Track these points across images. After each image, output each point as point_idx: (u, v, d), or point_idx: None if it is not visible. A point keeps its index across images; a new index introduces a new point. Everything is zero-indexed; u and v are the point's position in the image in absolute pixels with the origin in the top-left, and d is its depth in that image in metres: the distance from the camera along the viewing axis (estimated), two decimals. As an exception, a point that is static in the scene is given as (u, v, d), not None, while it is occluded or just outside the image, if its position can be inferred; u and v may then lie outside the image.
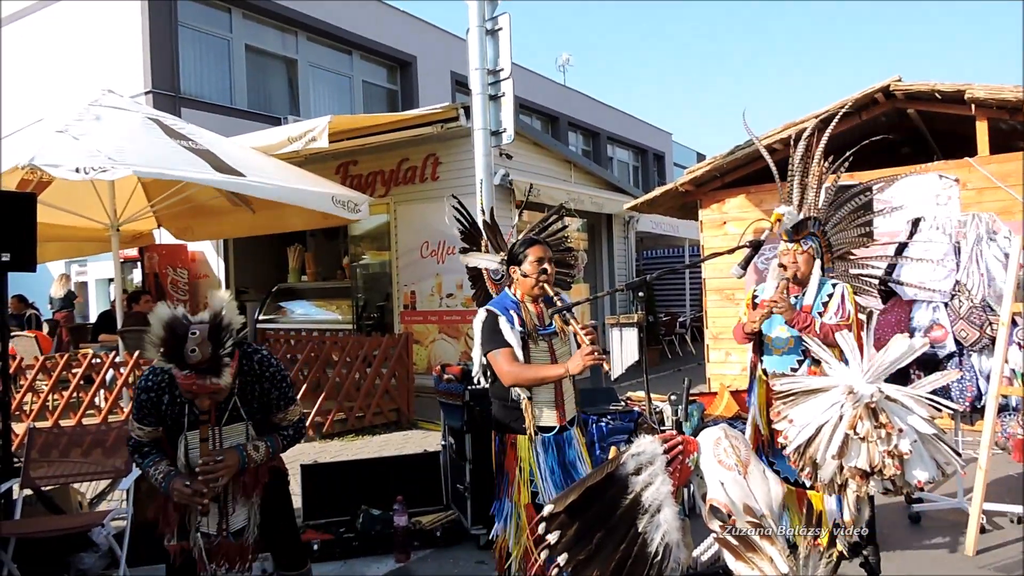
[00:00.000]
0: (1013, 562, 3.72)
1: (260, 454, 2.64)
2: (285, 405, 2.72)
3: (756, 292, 3.56)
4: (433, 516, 4.47)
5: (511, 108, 6.30)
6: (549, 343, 2.96)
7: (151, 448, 2.63)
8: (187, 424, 2.57)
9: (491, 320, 2.92)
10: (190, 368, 2.40)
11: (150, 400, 2.56)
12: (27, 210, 3.92)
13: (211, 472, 2.51)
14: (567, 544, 1.80)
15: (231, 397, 2.60)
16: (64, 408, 6.46)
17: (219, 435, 2.60)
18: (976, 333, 4.32)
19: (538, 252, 2.96)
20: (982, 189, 6.38)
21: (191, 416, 2.56)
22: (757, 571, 1.83)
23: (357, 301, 9.93)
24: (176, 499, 2.53)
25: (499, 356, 2.86)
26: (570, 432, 2.99)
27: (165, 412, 2.57)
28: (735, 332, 3.49)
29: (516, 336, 2.88)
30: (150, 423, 2.59)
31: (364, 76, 14.92)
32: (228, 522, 2.67)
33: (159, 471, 2.57)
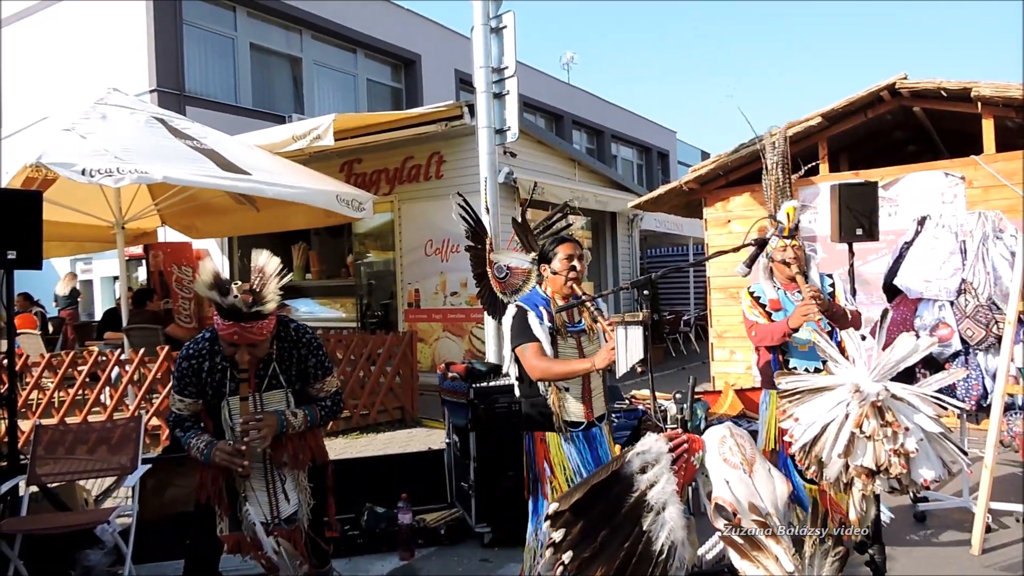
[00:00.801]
0: (1019, 561, 3.70)
1: (299, 420, 2.68)
2: (323, 375, 2.78)
3: (753, 291, 3.54)
4: (437, 514, 4.47)
5: (515, 106, 6.30)
6: (578, 340, 3.00)
7: (192, 422, 2.66)
8: (228, 391, 2.62)
9: (521, 315, 2.95)
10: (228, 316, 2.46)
11: (191, 368, 2.61)
12: (32, 208, 3.93)
13: (251, 429, 2.54)
14: (572, 542, 1.80)
15: (270, 363, 2.66)
16: (70, 405, 6.49)
17: (259, 401, 2.65)
18: (982, 332, 4.30)
19: (568, 249, 2.99)
20: (988, 187, 6.35)
21: (232, 383, 2.62)
22: (762, 570, 1.82)
23: (361, 299, 9.94)
24: (218, 461, 2.54)
25: (527, 350, 2.89)
26: (599, 428, 3.01)
27: (206, 380, 2.62)
28: (763, 334, 3.37)
29: (545, 331, 2.90)
30: (190, 393, 2.64)
31: (368, 74, 14.93)
32: (279, 508, 2.69)
33: (201, 441, 2.59)
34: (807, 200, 7.33)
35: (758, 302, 3.49)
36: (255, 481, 2.68)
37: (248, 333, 2.50)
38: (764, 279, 3.53)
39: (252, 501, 2.66)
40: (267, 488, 2.68)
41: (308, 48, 13.61)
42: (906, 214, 6.43)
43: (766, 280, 3.52)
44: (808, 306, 3.14)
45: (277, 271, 2.60)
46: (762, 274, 3.54)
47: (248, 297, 2.51)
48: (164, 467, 4.36)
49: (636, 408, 4.95)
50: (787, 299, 3.46)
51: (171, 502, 4.32)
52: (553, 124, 20.09)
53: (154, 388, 6.42)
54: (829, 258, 7.15)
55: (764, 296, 3.50)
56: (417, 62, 15.59)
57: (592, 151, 21.32)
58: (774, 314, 3.43)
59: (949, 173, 6.60)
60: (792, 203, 3.43)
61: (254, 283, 2.55)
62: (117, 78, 9.17)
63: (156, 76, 11.04)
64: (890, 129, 7.74)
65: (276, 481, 2.69)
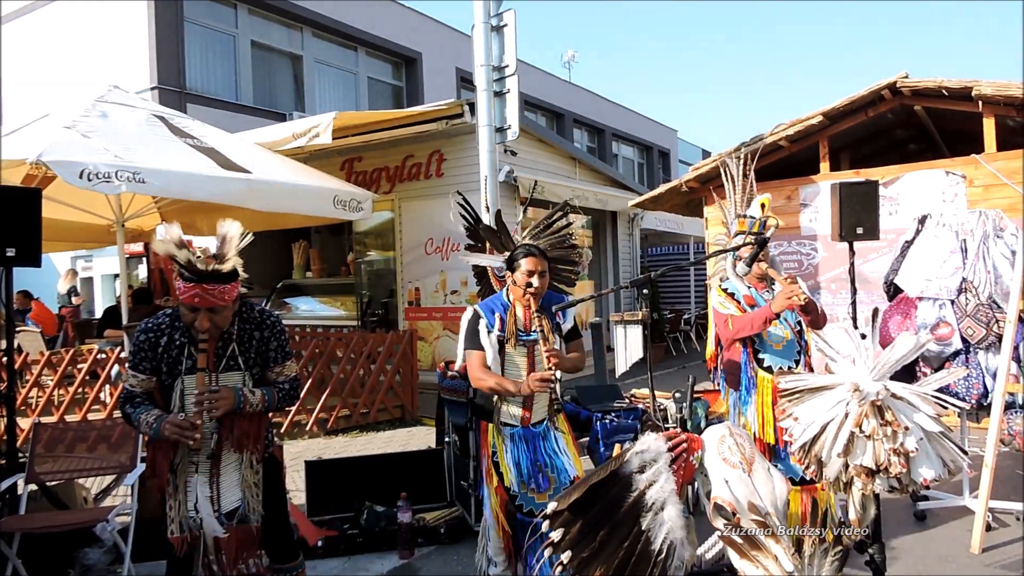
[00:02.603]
0: (1019, 560, 3.70)
1: (256, 399, 2.60)
2: (282, 359, 2.71)
3: (727, 288, 3.53)
4: (437, 513, 4.47)
5: (516, 105, 6.28)
6: (530, 348, 3.03)
7: (142, 399, 2.57)
8: (184, 368, 2.54)
9: (473, 321, 3.05)
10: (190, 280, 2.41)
11: (148, 341, 2.53)
12: (32, 205, 3.92)
13: (208, 399, 2.46)
14: (571, 542, 1.80)
15: (229, 343, 2.59)
16: (69, 403, 6.48)
17: (216, 381, 2.56)
18: (983, 330, 4.29)
19: (530, 264, 2.99)
20: (989, 186, 6.34)
21: (190, 360, 2.54)
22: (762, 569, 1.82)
23: (361, 297, 9.93)
24: (168, 434, 2.44)
25: (472, 357, 3.04)
26: (543, 426, 3.07)
27: (162, 356, 2.53)
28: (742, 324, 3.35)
29: (492, 341, 2.99)
30: (144, 369, 2.55)
31: (369, 72, 14.92)
32: (220, 502, 2.58)
33: (150, 415, 2.49)
34: (807, 199, 7.33)
35: (732, 298, 3.48)
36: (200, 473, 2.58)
37: (209, 296, 2.43)
38: (734, 277, 3.52)
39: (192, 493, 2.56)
40: (209, 480, 2.58)
41: (309, 46, 13.60)
42: (907, 213, 6.43)
43: (736, 279, 3.51)
44: (793, 290, 3.13)
45: (239, 235, 2.55)
46: (731, 272, 3.54)
47: (210, 261, 2.45)
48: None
49: (636, 407, 4.95)
50: (759, 297, 3.46)
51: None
52: (554, 122, 20.07)
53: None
54: (829, 257, 7.15)
55: (738, 293, 3.49)
56: (418, 60, 15.57)
57: (593, 150, 21.30)
58: (748, 309, 3.42)
59: (950, 172, 6.59)
60: (764, 196, 3.50)
61: (217, 247, 2.50)
62: (118, 75, 9.16)
63: (157, 73, 11.03)
64: (891, 128, 7.73)
65: (219, 474, 2.59)
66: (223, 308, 2.50)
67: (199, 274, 2.43)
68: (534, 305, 2.99)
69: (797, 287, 3.15)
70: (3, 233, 3.78)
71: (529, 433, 3.04)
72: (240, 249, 2.55)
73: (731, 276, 3.54)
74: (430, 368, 8.25)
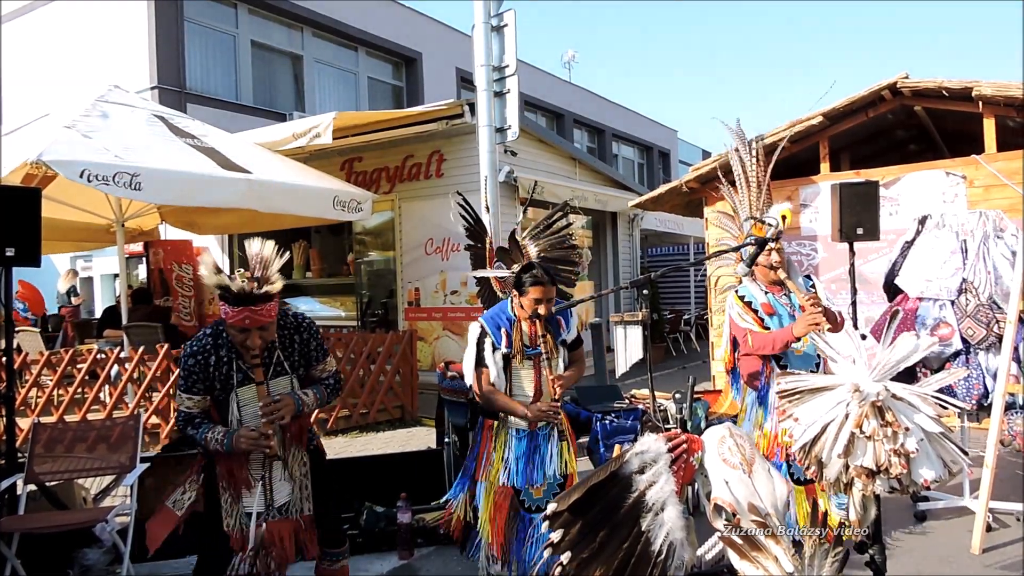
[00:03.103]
0: (1019, 560, 3.70)
1: (311, 399, 2.77)
2: (323, 357, 2.87)
3: (743, 296, 3.45)
4: (437, 513, 4.43)
5: (516, 105, 6.28)
6: (536, 362, 3.11)
7: (201, 419, 2.68)
8: (236, 382, 2.67)
9: (480, 339, 3.13)
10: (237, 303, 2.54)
11: (198, 364, 2.63)
12: (31, 205, 3.92)
13: (274, 410, 2.61)
14: (570, 543, 1.79)
15: (273, 351, 2.73)
16: (69, 403, 6.48)
17: (268, 390, 2.70)
18: (983, 331, 4.29)
19: (537, 293, 3.03)
20: (989, 187, 6.34)
21: (240, 374, 2.67)
22: (762, 570, 1.81)
23: (361, 298, 9.93)
24: (244, 447, 2.60)
25: (477, 374, 3.13)
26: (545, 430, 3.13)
27: (213, 375, 2.65)
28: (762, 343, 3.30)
29: (497, 359, 3.08)
30: (199, 390, 2.66)
31: (369, 72, 14.92)
32: (273, 496, 2.74)
33: (217, 432, 2.63)
34: (808, 199, 7.33)
35: (750, 307, 3.41)
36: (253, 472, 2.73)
37: (258, 316, 2.56)
38: (748, 281, 3.47)
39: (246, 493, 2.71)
40: (262, 478, 2.73)
41: (309, 46, 13.60)
42: (907, 213, 6.43)
43: (751, 283, 3.46)
44: (815, 316, 3.08)
45: (275, 253, 2.68)
46: (746, 278, 3.49)
47: (253, 283, 2.58)
48: (163, 466, 4.35)
49: (636, 408, 4.94)
50: (777, 302, 3.41)
51: (170, 500, 4.32)
52: (554, 123, 20.07)
53: (153, 386, 6.42)
54: (829, 257, 7.15)
55: (755, 301, 3.42)
56: (418, 60, 15.57)
57: (593, 150, 21.30)
58: (767, 318, 3.38)
59: (950, 172, 6.58)
60: (786, 206, 3.42)
61: (255, 269, 2.62)
62: (118, 75, 9.16)
63: (157, 73, 11.03)
64: (891, 128, 7.73)
65: (270, 470, 2.74)
66: (270, 324, 2.65)
67: (249, 298, 2.56)
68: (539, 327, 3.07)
69: (819, 314, 3.08)
70: (3, 233, 3.77)
71: (534, 433, 3.12)
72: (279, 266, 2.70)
73: (746, 281, 3.48)
74: (430, 368, 8.25)
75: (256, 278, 2.59)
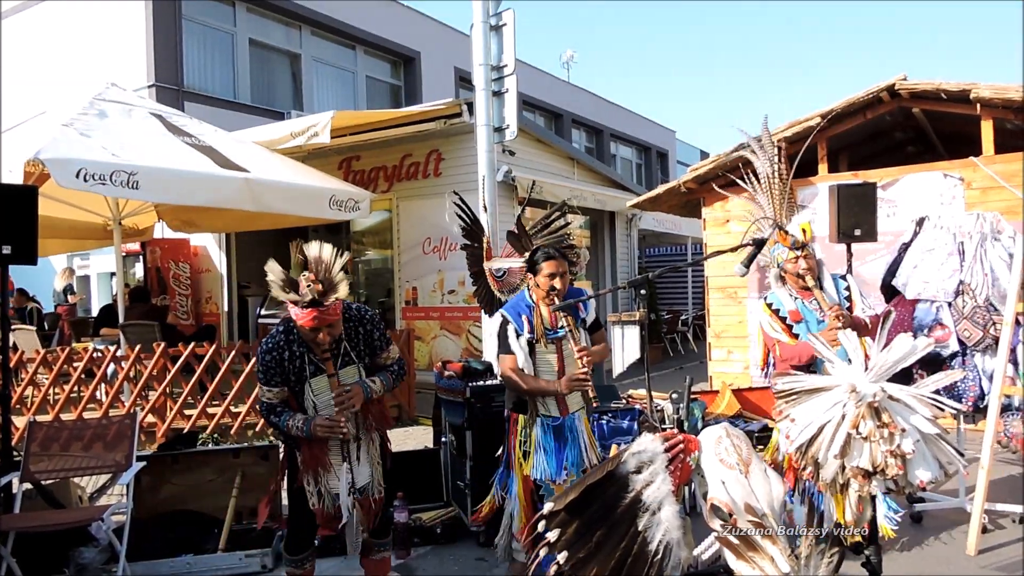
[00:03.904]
0: (1014, 562, 3.71)
1: (378, 386, 3.00)
2: (386, 345, 3.08)
3: (771, 303, 3.45)
4: (433, 513, 4.46)
5: (514, 104, 6.27)
6: (558, 345, 3.21)
7: (282, 407, 2.93)
8: (309, 373, 2.91)
9: (503, 328, 3.24)
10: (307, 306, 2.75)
11: (274, 359, 2.89)
12: (28, 203, 3.91)
13: (346, 399, 2.85)
14: (567, 542, 1.79)
15: (340, 342, 2.92)
16: (65, 402, 6.46)
17: (338, 380, 2.92)
18: (979, 333, 4.30)
19: (551, 267, 3.15)
20: (987, 189, 6.35)
21: (312, 366, 2.91)
22: (758, 570, 1.82)
23: (359, 297, 9.92)
24: (320, 434, 2.84)
25: (504, 361, 3.23)
26: (572, 418, 3.24)
27: (288, 368, 2.90)
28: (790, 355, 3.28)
29: (522, 344, 3.18)
30: (277, 383, 2.91)
31: (368, 71, 14.90)
32: (355, 478, 2.97)
33: (297, 420, 2.87)
34: (806, 200, 7.33)
35: (777, 315, 3.41)
36: (333, 456, 2.96)
37: (327, 315, 2.78)
38: (778, 287, 3.48)
39: (332, 474, 2.95)
40: (345, 459, 2.95)
41: (307, 44, 13.58)
42: (905, 215, 6.43)
43: (780, 288, 3.47)
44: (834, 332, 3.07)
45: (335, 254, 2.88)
46: (775, 283, 3.50)
47: (319, 286, 2.78)
48: (159, 464, 4.35)
49: (633, 408, 4.94)
50: (805, 308, 3.40)
51: (166, 499, 4.32)
52: (552, 123, 20.07)
53: (150, 385, 6.40)
54: (827, 258, 7.10)
55: (783, 308, 3.42)
56: (416, 59, 15.56)
57: (591, 150, 21.30)
58: (795, 326, 3.37)
59: (948, 174, 6.59)
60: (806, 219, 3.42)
61: (319, 272, 2.83)
62: (115, 73, 9.14)
63: (155, 71, 11.01)
64: (889, 130, 7.73)
65: (351, 454, 2.97)
66: (337, 321, 2.86)
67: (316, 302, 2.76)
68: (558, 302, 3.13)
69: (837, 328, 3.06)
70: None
71: (560, 425, 3.21)
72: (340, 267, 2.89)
73: (775, 287, 3.48)
74: (427, 368, 8.24)
75: (321, 280, 2.79)
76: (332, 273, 2.85)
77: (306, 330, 2.82)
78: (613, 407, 4.95)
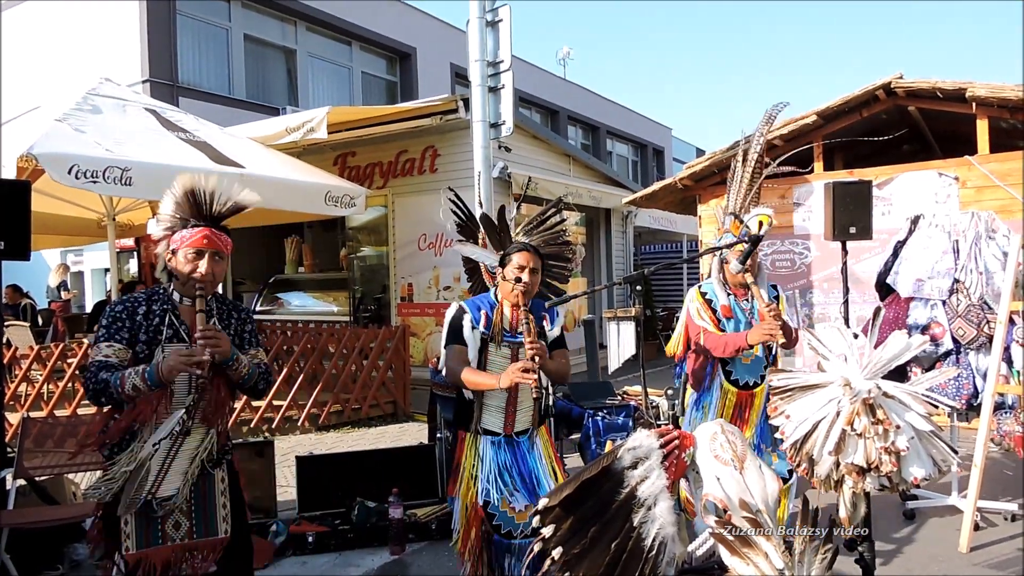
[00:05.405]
0: (1006, 559, 3.73)
1: (244, 362, 2.45)
2: (256, 344, 2.62)
3: (705, 292, 3.44)
4: (428, 509, 4.46)
5: (510, 101, 6.27)
6: (514, 350, 2.88)
7: (118, 367, 2.30)
8: (165, 337, 2.36)
9: (457, 316, 2.90)
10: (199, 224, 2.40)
11: (125, 311, 2.36)
12: (21, 198, 3.88)
13: (211, 336, 2.30)
14: (561, 538, 1.79)
15: (210, 317, 2.43)
16: (59, 398, 6.44)
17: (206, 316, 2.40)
18: (974, 331, 4.32)
19: (521, 259, 2.86)
20: (981, 188, 6.37)
21: (170, 329, 2.38)
22: (752, 566, 1.82)
23: (354, 293, 9.91)
24: (173, 363, 2.23)
25: (450, 352, 2.86)
26: (525, 439, 2.92)
27: (140, 324, 2.35)
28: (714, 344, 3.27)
29: (475, 338, 2.85)
30: (121, 339, 2.33)
31: (363, 67, 14.86)
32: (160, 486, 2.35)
33: (136, 370, 2.26)
34: (801, 198, 7.34)
35: (709, 305, 3.41)
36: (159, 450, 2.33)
37: (216, 240, 2.42)
38: (716, 282, 3.46)
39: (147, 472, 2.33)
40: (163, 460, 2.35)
41: (303, 40, 13.54)
42: (900, 213, 6.45)
43: (718, 283, 3.46)
44: (772, 327, 3.06)
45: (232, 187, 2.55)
46: (715, 275, 3.49)
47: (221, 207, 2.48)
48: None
49: (628, 404, 4.95)
50: (737, 306, 3.40)
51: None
52: (548, 119, 20.05)
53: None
54: (822, 256, 7.17)
55: (716, 300, 3.42)
56: (412, 55, 15.53)
57: (587, 147, 21.29)
58: (724, 321, 3.37)
59: (943, 173, 6.61)
60: (766, 211, 3.40)
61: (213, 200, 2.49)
62: (109, 68, 9.08)
63: (149, 67, 10.96)
64: (885, 128, 7.75)
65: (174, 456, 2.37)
66: (223, 260, 2.47)
67: (210, 216, 2.44)
68: (522, 302, 2.80)
69: (776, 327, 3.05)
70: (-8, 226, 3.74)
71: (514, 442, 2.89)
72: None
73: (714, 279, 3.47)
74: (422, 364, 8.24)
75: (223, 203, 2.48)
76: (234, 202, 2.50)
77: (185, 260, 2.38)
78: (608, 403, 4.96)
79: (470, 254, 3.58)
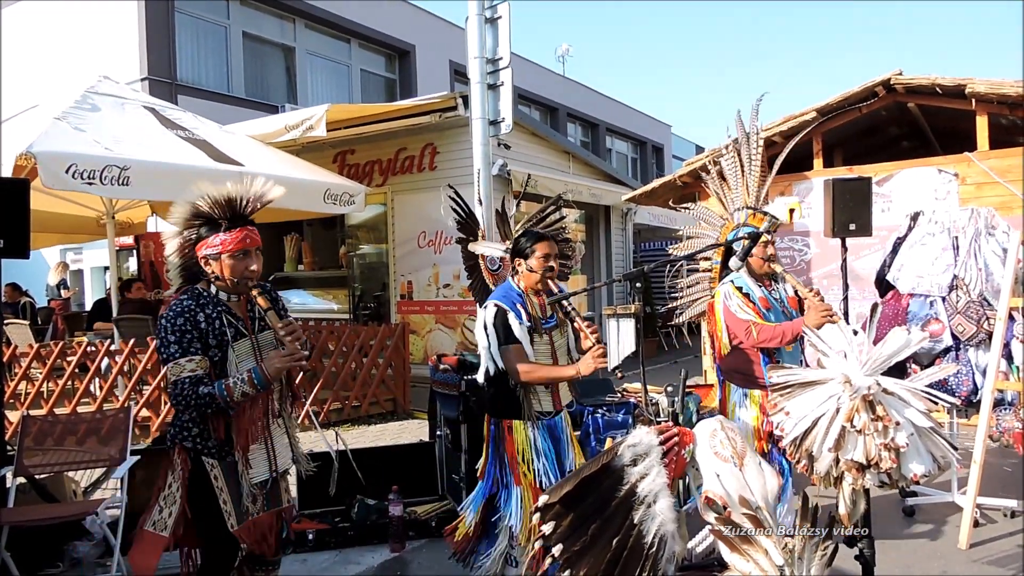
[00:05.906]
0: (1006, 556, 3.73)
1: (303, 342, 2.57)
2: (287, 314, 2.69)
3: (741, 287, 3.42)
4: (428, 506, 4.47)
5: (510, 98, 6.26)
6: (550, 336, 3.03)
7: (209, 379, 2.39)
8: (231, 336, 2.45)
9: (502, 316, 2.94)
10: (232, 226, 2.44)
11: (188, 321, 2.39)
12: (20, 196, 3.88)
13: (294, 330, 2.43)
14: (562, 535, 1.79)
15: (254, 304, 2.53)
16: (59, 396, 6.44)
17: (257, 343, 2.51)
18: (973, 327, 4.32)
19: (545, 248, 2.99)
20: (981, 184, 6.36)
21: (232, 328, 2.46)
22: (752, 563, 1.82)
23: (354, 291, 9.91)
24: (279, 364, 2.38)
25: (511, 353, 2.92)
26: (560, 416, 3.08)
27: (205, 330, 2.41)
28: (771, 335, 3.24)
29: (525, 332, 2.93)
30: (196, 349, 2.38)
31: (362, 65, 14.85)
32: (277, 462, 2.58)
33: (241, 377, 2.37)
34: (801, 195, 7.34)
35: (748, 299, 3.39)
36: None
37: (256, 237, 2.50)
38: (745, 274, 3.44)
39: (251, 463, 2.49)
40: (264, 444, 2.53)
41: (302, 37, 13.52)
42: (899, 210, 6.44)
43: (746, 275, 3.44)
44: (829, 309, 3.05)
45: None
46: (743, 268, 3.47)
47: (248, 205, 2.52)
48: (153, 458, 4.33)
49: (628, 401, 4.95)
50: (770, 296, 3.42)
51: (160, 493, 4.30)
52: (548, 116, 20.04)
53: (144, 379, 6.39)
54: (822, 253, 7.16)
55: (753, 294, 3.40)
56: (411, 53, 15.51)
57: (587, 144, 21.28)
58: (766, 312, 3.37)
59: (942, 170, 6.61)
60: (795, 199, 3.42)
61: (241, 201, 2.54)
62: (108, 66, 9.08)
63: (148, 64, 10.95)
64: (885, 125, 7.74)
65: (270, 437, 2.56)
66: (260, 254, 2.53)
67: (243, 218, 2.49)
68: (553, 286, 2.99)
69: (829, 307, 3.06)
70: (-9, 224, 3.73)
71: (551, 424, 3.04)
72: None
73: (743, 274, 3.43)
74: (422, 362, 8.24)
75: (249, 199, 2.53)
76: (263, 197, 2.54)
77: (234, 261, 2.42)
78: (608, 401, 4.96)
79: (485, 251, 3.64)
